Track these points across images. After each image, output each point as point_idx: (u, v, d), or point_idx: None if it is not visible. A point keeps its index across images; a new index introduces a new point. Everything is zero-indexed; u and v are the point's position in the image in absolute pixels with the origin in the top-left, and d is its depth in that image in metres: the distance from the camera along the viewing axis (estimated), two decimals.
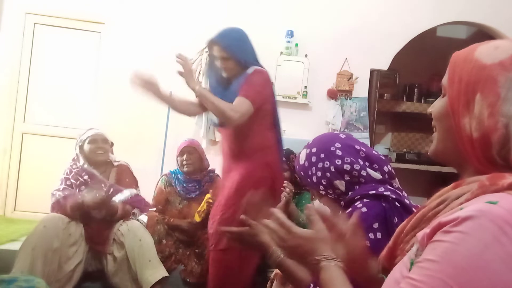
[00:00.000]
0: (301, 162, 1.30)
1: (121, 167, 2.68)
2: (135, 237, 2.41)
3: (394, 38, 3.90)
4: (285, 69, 3.81)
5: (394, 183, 1.25)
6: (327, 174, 1.23)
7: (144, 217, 2.73)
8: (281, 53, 3.83)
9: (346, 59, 3.90)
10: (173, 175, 2.88)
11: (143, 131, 3.80)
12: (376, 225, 1.10)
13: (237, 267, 2.11)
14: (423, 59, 4.54)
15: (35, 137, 3.90)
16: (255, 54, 2.19)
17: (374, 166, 1.24)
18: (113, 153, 2.73)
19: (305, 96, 3.85)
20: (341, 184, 1.22)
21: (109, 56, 3.84)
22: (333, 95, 3.89)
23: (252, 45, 2.18)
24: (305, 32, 3.85)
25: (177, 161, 2.86)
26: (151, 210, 2.78)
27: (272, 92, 2.21)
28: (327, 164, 1.24)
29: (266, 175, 2.11)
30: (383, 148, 4.61)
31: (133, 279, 2.37)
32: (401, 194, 1.21)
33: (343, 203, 1.22)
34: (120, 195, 2.49)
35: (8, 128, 3.87)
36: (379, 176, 1.22)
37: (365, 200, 1.15)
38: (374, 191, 1.17)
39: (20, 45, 3.87)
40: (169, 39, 3.75)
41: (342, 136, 1.30)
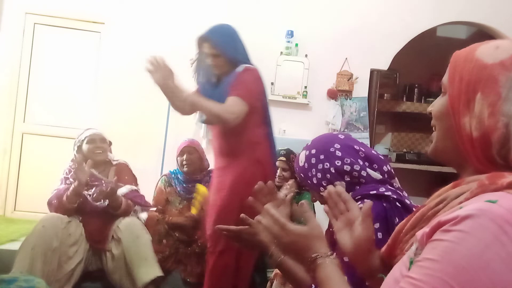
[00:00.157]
0: (301, 163, 1.30)
1: (120, 165, 2.69)
2: (132, 234, 2.41)
3: (394, 38, 3.90)
4: (285, 69, 3.80)
5: (394, 183, 1.25)
6: (327, 175, 1.23)
7: (144, 215, 2.73)
8: (281, 53, 3.82)
9: (346, 59, 3.89)
10: (173, 175, 2.88)
11: (143, 131, 3.79)
12: (377, 225, 1.10)
13: (234, 269, 2.11)
14: (423, 59, 4.54)
15: (35, 137, 3.89)
16: (246, 51, 2.17)
17: (374, 166, 1.24)
18: (111, 152, 2.73)
19: (305, 96, 3.84)
20: (341, 185, 1.22)
21: (109, 56, 3.84)
22: (333, 95, 3.89)
23: (242, 42, 2.15)
24: (305, 32, 3.85)
25: (177, 161, 2.86)
26: (151, 210, 2.79)
27: (263, 89, 2.19)
28: (327, 165, 1.23)
29: (257, 172, 2.08)
30: (383, 148, 4.60)
31: (129, 276, 2.36)
32: (402, 194, 1.21)
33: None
34: (122, 189, 2.50)
35: (8, 128, 3.86)
36: (379, 176, 1.22)
37: (365, 200, 1.15)
38: (374, 191, 1.17)
39: (20, 45, 3.86)
40: (169, 39, 3.75)
41: (341, 136, 1.30)
